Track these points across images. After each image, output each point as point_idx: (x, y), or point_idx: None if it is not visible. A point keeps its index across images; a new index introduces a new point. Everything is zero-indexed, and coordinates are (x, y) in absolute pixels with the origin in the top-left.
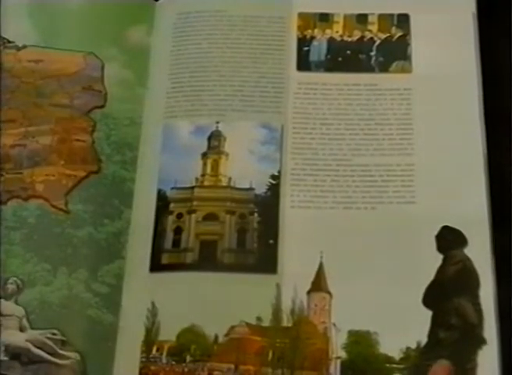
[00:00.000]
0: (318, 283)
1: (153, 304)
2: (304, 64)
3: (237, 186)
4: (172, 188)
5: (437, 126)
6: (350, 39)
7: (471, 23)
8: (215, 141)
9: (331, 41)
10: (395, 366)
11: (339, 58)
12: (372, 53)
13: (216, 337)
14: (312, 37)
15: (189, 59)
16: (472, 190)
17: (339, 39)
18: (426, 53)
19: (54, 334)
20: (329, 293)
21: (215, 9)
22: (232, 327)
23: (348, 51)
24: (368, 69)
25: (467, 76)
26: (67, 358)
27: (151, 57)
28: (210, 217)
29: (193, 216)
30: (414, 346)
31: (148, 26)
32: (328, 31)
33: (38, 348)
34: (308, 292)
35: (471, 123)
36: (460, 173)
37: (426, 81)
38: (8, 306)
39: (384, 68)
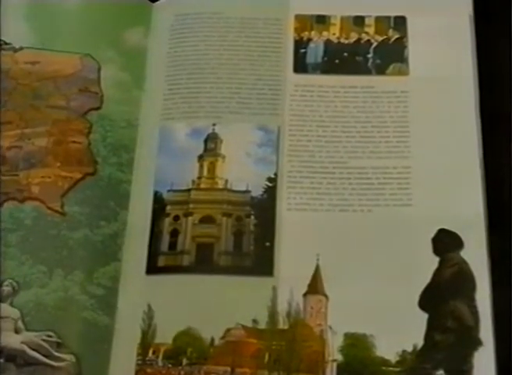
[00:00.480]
0: (315, 286)
1: (149, 306)
2: (300, 66)
3: (234, 188)
4: (169, 190)
5: (434, 129)
6: (346, 41)
7: (468, 25)
8: (211, 144)
9: (328, 43)
10: (391, 369)
11: (336, 61)
12: (369, 55)
13: (212, 339)
14: (309, 39)
15: (186, 61)
16: (469, 192)
17: (336, 41)
18: (423, 55)
19: (49, 336)
20: (326, 295)
21: (211, 11)
22: (229, 330)
23: (345, 54)
24: (365, 71)
25: (464, 79)
26: (62, 360)
27: (148, 59)
28: (206, 220)
29: (190, 218)
30: (410, 349)
31: (145, 28)
32: (325, 33)
33: (34, 350)
34: (305, 295)
35: (468, 126)
36: (457, 176)
37: (423, 84)
38: (4, 308)
39: (381, 70)
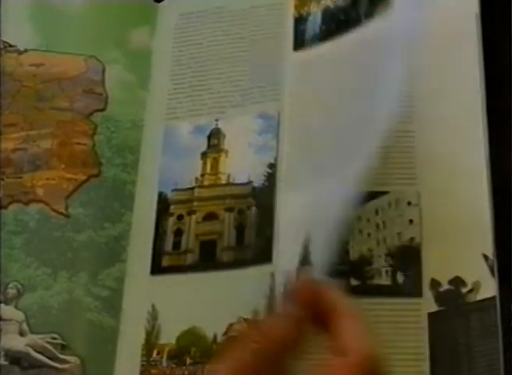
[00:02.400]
0: None
1: (153, 307)
2: (300, 43)
3: (236, 181)
4: (173, 190)
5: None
6: (344, 3)
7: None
8: (214, 140)
9: (325, 10)
10: None
11: (332, 26)
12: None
13: (215, 336)
14: (308, 14)
15: (190, 60)
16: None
17: (332, 6)
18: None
19: (54, 339)
20: None
21: (215, 6)
22: (231, 325)
23: (342, 17)
24: (356, 22)
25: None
26: (67, 362)
27: (153, 59)
28: (209, 217)
29: (194, 216)
30: None
31: (150, 28)
32: (323, 2)
33: (38, 352)
34: None
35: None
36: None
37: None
38: (8, 311)
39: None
